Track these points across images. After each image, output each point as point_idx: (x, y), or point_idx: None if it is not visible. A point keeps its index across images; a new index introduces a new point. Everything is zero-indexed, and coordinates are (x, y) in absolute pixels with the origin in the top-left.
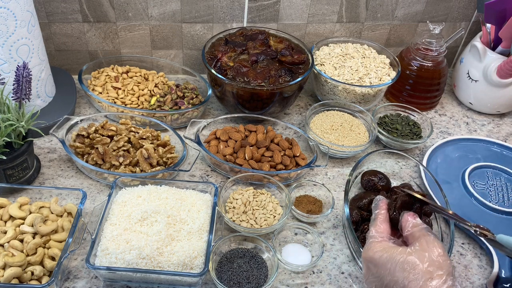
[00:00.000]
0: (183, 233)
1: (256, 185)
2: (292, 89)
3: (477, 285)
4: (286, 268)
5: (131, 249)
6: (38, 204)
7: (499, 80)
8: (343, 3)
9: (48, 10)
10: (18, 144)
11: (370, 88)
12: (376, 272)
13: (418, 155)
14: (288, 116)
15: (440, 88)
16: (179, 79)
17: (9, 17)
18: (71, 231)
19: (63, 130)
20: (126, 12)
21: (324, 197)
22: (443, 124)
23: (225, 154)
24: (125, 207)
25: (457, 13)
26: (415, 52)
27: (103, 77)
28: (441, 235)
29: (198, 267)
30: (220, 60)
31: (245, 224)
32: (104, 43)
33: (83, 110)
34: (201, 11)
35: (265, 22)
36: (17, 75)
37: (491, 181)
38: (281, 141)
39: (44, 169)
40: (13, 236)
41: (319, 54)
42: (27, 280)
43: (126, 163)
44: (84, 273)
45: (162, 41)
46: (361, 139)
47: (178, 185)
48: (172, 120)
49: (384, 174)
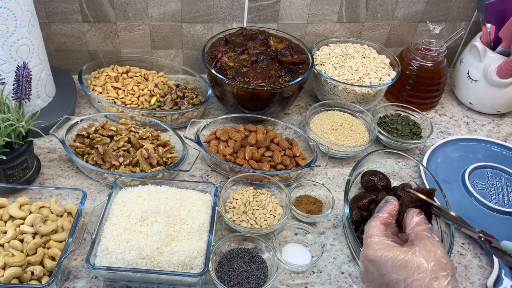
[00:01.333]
0: (183, 233)
1: (256, 185)
2: (292, 89)
3: (477, 285)
4: (286, 268)
5: (131, 249)
6: (38, 204)
7: (499, 80)
8: (343, 3)
9: (48, 10)
10: (18, 144)
11: (370, 88)
12: (377, 271)
13: (418, 155)
14: (288, 116)
15: (440, 88)
16: (179, 79)
17: (9, 17)
18: (71, 231)
19: (63, 130)
20: (126, 12)
21: (324, 197)
22: (443, 124)
23: (225, 154)
24: (125, 207)
25: (457, 13)
26: (415, 52)
27: (103, 77)
28: (441, 235)
29: (198, 267)
30: (220, 60)
31: (245, 224)
32: (104, 43)
33: (83, 110)
34: (201, 11)
35: (265, 22)
36: (17, 75)
37: (491, 181)
38: (281, 141)
39: (44, 169)
40: (13, 236)
41: (319, 54)
42: (27, 280)
43: (126, 163)
44: (84, 273)
45: (162, 41)
46: (361, 139)
47: (178, 185)
48: (172, 120)
49: (384, 174)
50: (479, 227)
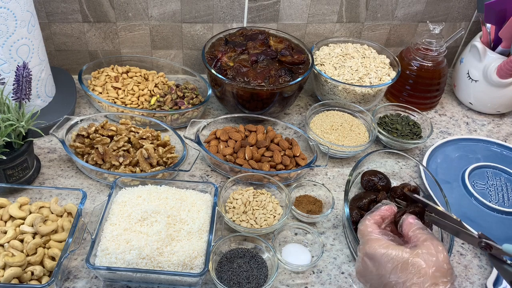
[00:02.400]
0: (183, 233)
1: (256, 185)
2: (292, 89)
3: (477, 285)
4: (286, 268)
5: (131, 249)
6: (38, 204)
7: (499, 80)
8: (343, 3)
9: (48, 10)
10: (18, 144)
11: (370, 88)
12: (376, 270)
13: (418, 155)
14: (288, 116)
15: (440, 88)
16: (179, 79)
17: (9, 17)
18: (71, 231)
19: (63, 130)
20: (126, 12)
21: (324, 197)
22: (443, 124)
23: (225, 154)
24: (125, 207)
25: (457, 13)
26: (415, 52)
27: (103, 77)
28: (441, 235)
29: (198, 267)
30: (220, 60)
31: (245, 224)
32: (104, 43)
33: (83, 110)
34: (201, 11)
35: (265, 22)
36: (17, 75)
37: (491, 181)
38: (281, 141)
39: (44, 169)
40: (13, 236)
41: (319, 54)
42: (27, 280)
43: (126, 163)
44: (84, 273)
45: (162, 41)
46: (361, 139)
47: (178, 185)
48: (172, 120)
49: (384, 174)
50: (479, 227)
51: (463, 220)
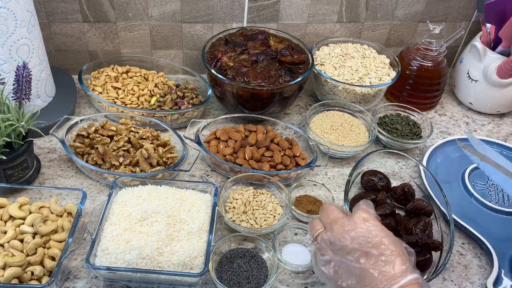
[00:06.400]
0: (183, 233)
1: (256, 185)
2: (292, 89)
3: (477, 285)
4: (286, 268)
5: (131, 249)
6: (38, 204)
7: (499, 80)
8: (343, 3)
9: (48, 10)
10: (18, 144)
11: (370, 88)
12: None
13: (418, 155)
14: (288, 116)
15: (440, 88)
16: (179, 79)
17: (9, 17)
18: (71, 231)
19: (63, 130)
20: (126, 12)
21: (324, 197)
22: (443, 124)
23: (225, 154)
24: (125, 207)
25: (457, 13)
26: (415, 52)
27: (103, 77)
28: (441, 235)
29: (198, 267)
30: (220, 60)
31: (245, 224)
32: (104, 43)
33: (83, 110)
34: (201, 11)
35: (265, 22)
36: (17, 75)
37: (491, 181)
38: (281, 141)
39: (44, 169)
40: (13, 236)
41: (319, 54)
42: (27, 280)
43: (126, 163)
44: (84, 273)
45: (162, 41)
46: (361, 139)
47: (178, 185)
48: (172, 120)
49: (384, 174)
50: (479, 227)
51: (463, 220)
